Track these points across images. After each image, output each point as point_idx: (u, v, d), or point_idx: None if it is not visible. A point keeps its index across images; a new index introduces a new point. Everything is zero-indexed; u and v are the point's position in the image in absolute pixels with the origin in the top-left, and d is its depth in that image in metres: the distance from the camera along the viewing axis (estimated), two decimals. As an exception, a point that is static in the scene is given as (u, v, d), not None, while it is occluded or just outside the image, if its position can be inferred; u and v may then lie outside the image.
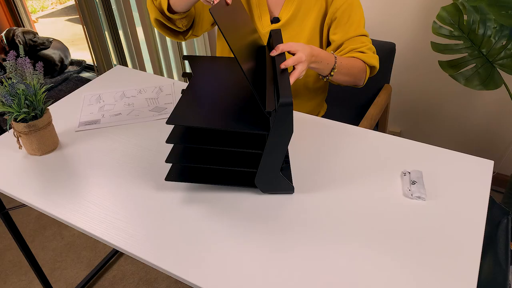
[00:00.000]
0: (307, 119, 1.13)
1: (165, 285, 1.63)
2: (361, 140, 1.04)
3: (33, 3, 4.70)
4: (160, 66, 2.46)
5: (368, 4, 1.79)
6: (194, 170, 0.92)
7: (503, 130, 1.80)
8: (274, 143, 0.80)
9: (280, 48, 0.92)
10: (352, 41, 1.15)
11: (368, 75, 1.17)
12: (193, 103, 0.89)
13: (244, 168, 0.86)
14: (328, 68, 1.04)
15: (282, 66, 0.87)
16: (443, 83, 1.82)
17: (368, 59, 1.13)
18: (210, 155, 0.89)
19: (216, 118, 0.83)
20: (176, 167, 0.92)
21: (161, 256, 0.77)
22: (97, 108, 1.24)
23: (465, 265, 0.73)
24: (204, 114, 0.85)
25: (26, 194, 0.94)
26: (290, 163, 0.97)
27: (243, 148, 0.84)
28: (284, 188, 0.88)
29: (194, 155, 0.89)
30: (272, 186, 0.88)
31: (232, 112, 0.86)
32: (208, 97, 0.91)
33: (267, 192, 0.89)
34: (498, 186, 1.94)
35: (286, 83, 0.80)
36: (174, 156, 0.89)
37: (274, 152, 0.82)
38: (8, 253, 1.82)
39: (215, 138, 0.86)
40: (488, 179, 0.90)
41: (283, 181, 0.87)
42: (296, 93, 1.30)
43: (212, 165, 0.87)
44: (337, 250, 0.76)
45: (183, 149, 0.91)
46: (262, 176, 0.86)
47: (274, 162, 0.83)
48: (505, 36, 1.37)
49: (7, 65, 0.98)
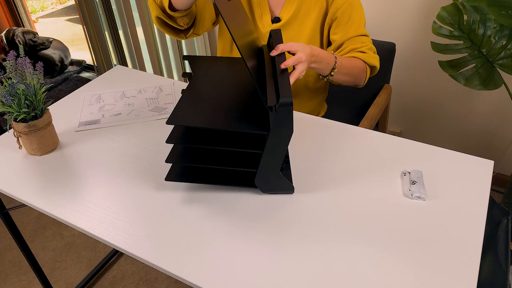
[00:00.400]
0: (307, 119, 1.13)
1: (165, 285, 1.63)
2: (361, 140, 1.04)
3: (33, 3, 4.70)
4: (160, 66, 2.46)
5: (368, 4, 1.79)
6: (194, 170, 0.92)
7: (503, 130, 1.80)
8: (274, 143, 0.80)
9: (280, 48, 0.92)
10: (352, 41, 1.15)
11: (368, 75, 1.17)
12: (193, 103, 0.89)
13: (244, 168, 0.86)
14: (329, 68, 1.04)
15: (282, 66, 0.87)
16: (443, 83, 1.82)
17: (368, 59, 1.13)
18: (210, 155, 0.89)
19: (216, 118, 0.83)
20: (176, 167, 0.93)
21: (161, 256, 0.77)
22: (97, 108, 1.24)
23: (465, 265, 0.73)
24: (204, 114, 0.85)
25: (26, 194, 0.94)
26: (290, 163, 0.97)
27: (243, 148, 0.84)
28: (284, 188, 0.88)
29: (194, 155, 0.89)
30: (272, 186, 0.88)
31: (232, 112, 0.86)
32: (208, 97, 0.91)
33: (267, 192, 0.89)
34: (498, 186, 1.94)
35: (286, 83, 0.80)
36: (174, 156, 0.89)
37: (274, 152, 0.81)
38: (8, 253, 1.82)
39: (215, 138, 0.86)
40: (488, 179, 0.90)
41: (283, 181, 0.87)
42: (296, 93, 1.30)
43: (212, 165, 0.87)
44: (337, 250, 0.76)
45: (183, 149, 0.91)
46: (262, 176, 0.86)
47: (274, 162, 0.83)
48: (505, 36, 1.37)
49: (7, 65, 0.98)
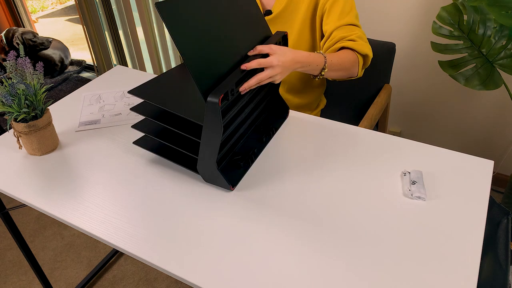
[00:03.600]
0: (307, 119, 1.13)
1: (165, 285, 1.63)
2: (361, 140, 1.04)
3: (33, 3, 4.70)
4: (160, 66, 2.46)
5: (368, 5, 1.79)
6: (160, 146, 0.99)
7: (503, 130, 1.80)
8: (206, 136, 0.82)
9: (258, 49, 0.90)
10: (341, 30, 1.14)
11: (361, 65, 1.14)
12: (162, 85, 0.96)
13: (191, 153, 0.90)
14: (318, 69, 1.03)
15: (243, 67, 0.85)
16: (443, 83, 1.82)
17: (358, 47, 1.11)
18: (170, 135, 0.95)
19: (170, 101, 0.90)
20: (146, 139, 1.01)
21: (161, 256, 0.77)
22: (97, 108, 1.24)
23: (465, 265, 0.73)
24: (160, 95, 0.92)
25: (26, 194, 0.94)
26: (252, 163, 0.97)
27: (189, 134, 0.88)
28: (220, 183, 0.91)
29: (157, 131, 0.96)
30: (211, 177, 0.91)
31: (189, 99, 0.91)
32: (177, 82, 0.98)
33: (208, 182, 0.93)
34: (498, 186, 1.94)
35: (228, 82, 0.81)
36: (140, 125, 0.98)
37: (207, 145, 0.84)
38: (8, 253, 1.82)
39: (173, 121, 0.92)
40: (488, 179, 0.90)
41: (219, 175, 0.89)
42: (293, 86, 1.30)
43: (167, 142, 0.93)
44: (337, 250, 0.76)
45: (149, 123, 0.98)
46: (202, 165, 0.89)
47: (210, 153, 0.85)
48: (505, 36, 1.37)
49: (7, 65, 0.98)
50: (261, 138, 1.03)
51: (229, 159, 0.96)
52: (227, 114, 0.84)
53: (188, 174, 0.96)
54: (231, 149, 0.97)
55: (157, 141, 1.00)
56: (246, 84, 0.85)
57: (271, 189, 0.90)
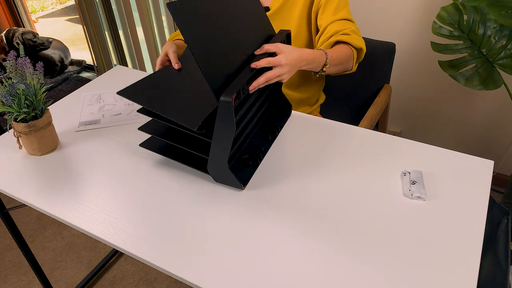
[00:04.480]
0: (307, 119, 1.13)
1: (165, 285, 1.63)
2: (361, 140, 1.04)
3: (33, 3, 4.70)
4: (160, 66, 2.45)
5: (368, 5, 1.79)
6: (167, 147, 0.98)
7: (503, 130, 1.80)
8: (218, 135, 0.82)
9: (265, 48, 0.91)
10: (335, 24, 1.16)
11: (356, 58, 1.16)
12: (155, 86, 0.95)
13: (200, 153, 0.89)
14: (321, 65, 1.05)
15: (252, 66, 0.86)
16: (443, 83, 1.82)
17: (353, 40, 1.12)
18: (178, 136, 0.94)
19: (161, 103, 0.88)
20: (152, 141, 1.00)
21: (161, 256, 0.77)
22: (97, 108, 1.24)
23: (465, 265, 0.73)
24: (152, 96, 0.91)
25: (26, 194, 0.94)
26: (260, 162, 0.97)
27: (199, 135, 0.87)
28: (232, 182, 0.90)
29: (164, 132, 0.95)
30: (222, 177, 0.90)
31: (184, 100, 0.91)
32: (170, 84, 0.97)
33: (218, 181, 0.92)
34: (498, 186, 1.94)
35: (239, 81, 0.81)
36: (146, 126, 0.96)
37: (220, 144, 0.83)
38: (8, 253, 1.82)
39: None
40: (488, 179, 0.90)
41: (231, 175, 0.88)
42: (292, 81, 1.31)
43: (175, 143, 0.91)
44: (337, 250, 0.76)
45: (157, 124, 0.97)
46: (212, 165, 0.88)
47: (222, 153, 0.85)
48: (505, 36, 1.37)
49: (7, 65, 0.98)
50: (267, 136, 1.03)
51: (238, 158, 0.95)
52: (238, 113, 0.85)
53: (188, 174, 0.96)
54: (239, 148, 0.97)
55: (164, 143, 0.99)
56: (255, 82, 0.86)
57: (276, 188, 0.90)
